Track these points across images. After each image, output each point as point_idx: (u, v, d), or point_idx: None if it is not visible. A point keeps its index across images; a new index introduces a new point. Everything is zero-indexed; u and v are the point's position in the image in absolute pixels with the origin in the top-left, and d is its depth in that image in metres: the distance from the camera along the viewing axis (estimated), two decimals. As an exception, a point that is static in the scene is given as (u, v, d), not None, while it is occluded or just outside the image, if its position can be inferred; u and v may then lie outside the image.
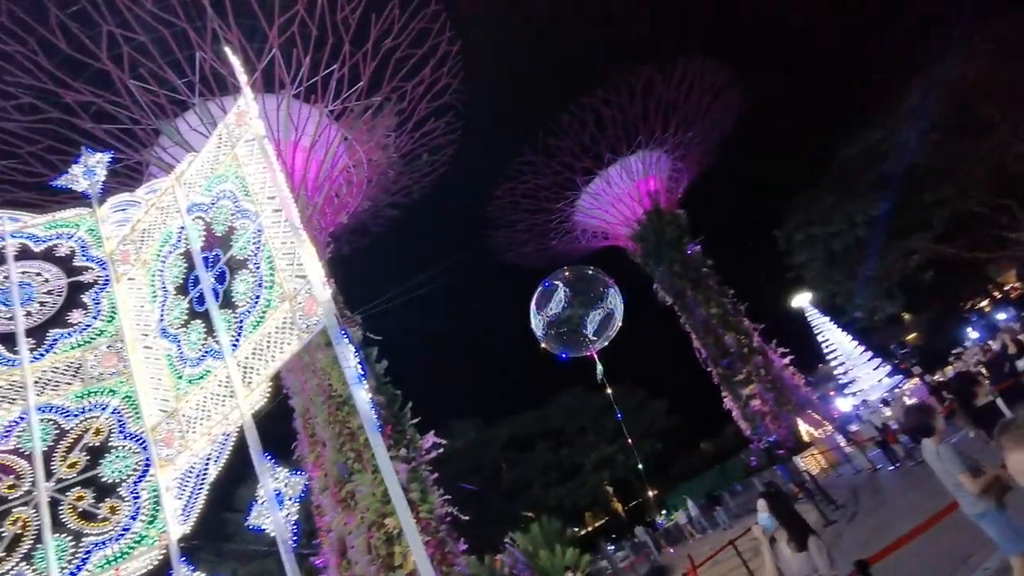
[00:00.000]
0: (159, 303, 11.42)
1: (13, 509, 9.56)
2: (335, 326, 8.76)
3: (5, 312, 10.96)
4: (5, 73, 22.94)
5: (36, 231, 11.91)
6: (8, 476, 9.82)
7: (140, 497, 10.06)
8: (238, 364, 9.95)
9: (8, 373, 10.53)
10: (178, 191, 11.84)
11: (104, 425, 10.53)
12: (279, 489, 9.53)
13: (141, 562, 9.63)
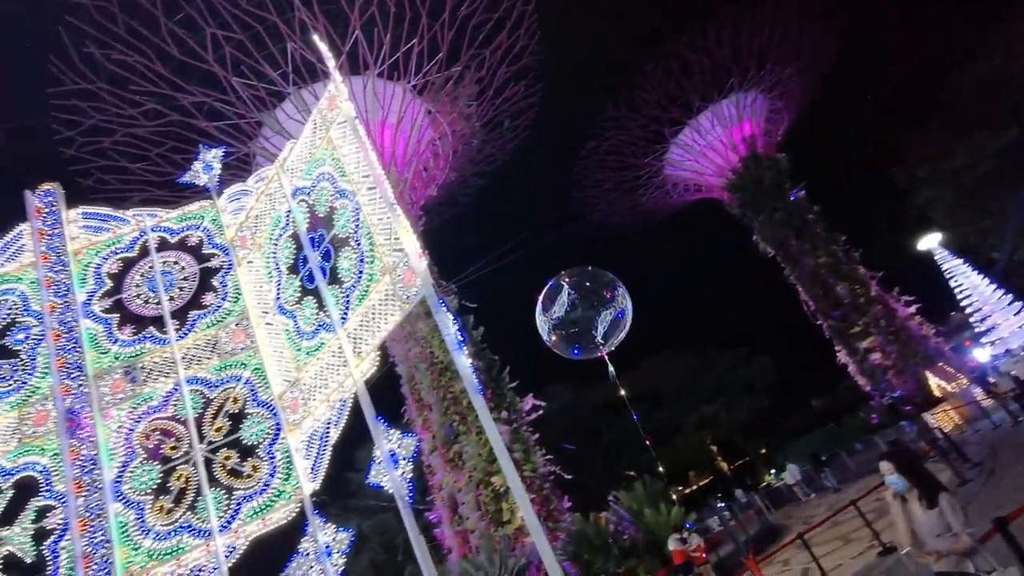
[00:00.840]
0: (275, 282, 12.46)
1: (177, 467, 11.06)
2: (433, 296, 9.13)
3: (153, 298, 12.47)
4: (131, 83, 25.48)
5: (170, 224, 13.34)
6: (170, 439, 11.32)
7: (275, 457, 11.22)
8: (348, 335, 10.69)
9: (160, 351, 12.03)
10: (282, 177, 12.71)
11: (240, 394, 11.78)
12: (393, 450, 10.25)
13: (282, 514, 10.81)
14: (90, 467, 10.67)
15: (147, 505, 10.77)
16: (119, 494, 10.72)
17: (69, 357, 11.47)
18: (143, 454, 11.22)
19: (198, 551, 10.49)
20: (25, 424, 11.23)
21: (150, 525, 10.62)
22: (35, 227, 12.49)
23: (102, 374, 11.57)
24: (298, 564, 10.26)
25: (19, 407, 11.39)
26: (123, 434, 11.24)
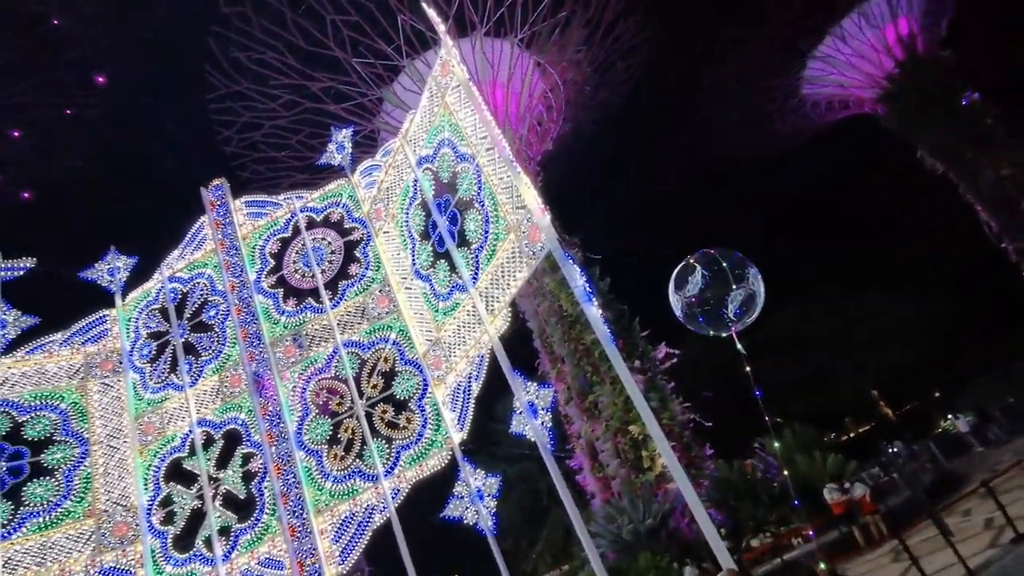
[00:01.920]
0: (410, 249, 13.26)
1: (344, 420, 12.49)
2: (558, 249, 9.17)
3: (308, 272, 13.91)
4: (269, 79, 27.99)
5: (315, 204, 14.68)
6: (335, 396, 12.77)
7: (425, 410, 12.20)
8: (480, 294, 11.16)
9: (319, 319, 13.46)
10: (406, 148, 13.32)
11: (389, 354, 12.87)
12: (532, 401, 10.66)
13: (436, 460, 11.80)
14: (276, 421, 12.41)
15: (324, 453, 12.33)
16: (301, 444, 12.38)
17: (250, 328, 13.26)
18: (315, 410, 12.80)
19: (369, 493, 11.85)
20: (225, 386, 13.28)
21: (328, 470, 12.17)
22: (211, 218, 14.40)
23: (276, 342, 13.25)
24: (455, 506, 11.20)
25: (218, 372, 13.47)
26: (298, 393, 12.87)
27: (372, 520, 11.66)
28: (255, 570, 11.78)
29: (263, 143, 30.37)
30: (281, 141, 30.21)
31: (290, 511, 11.63)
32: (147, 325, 14.22)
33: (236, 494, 12.43)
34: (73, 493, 12.36)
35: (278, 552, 11.71)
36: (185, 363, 13.54)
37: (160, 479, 12.80)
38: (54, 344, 13.61)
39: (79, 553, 11.85)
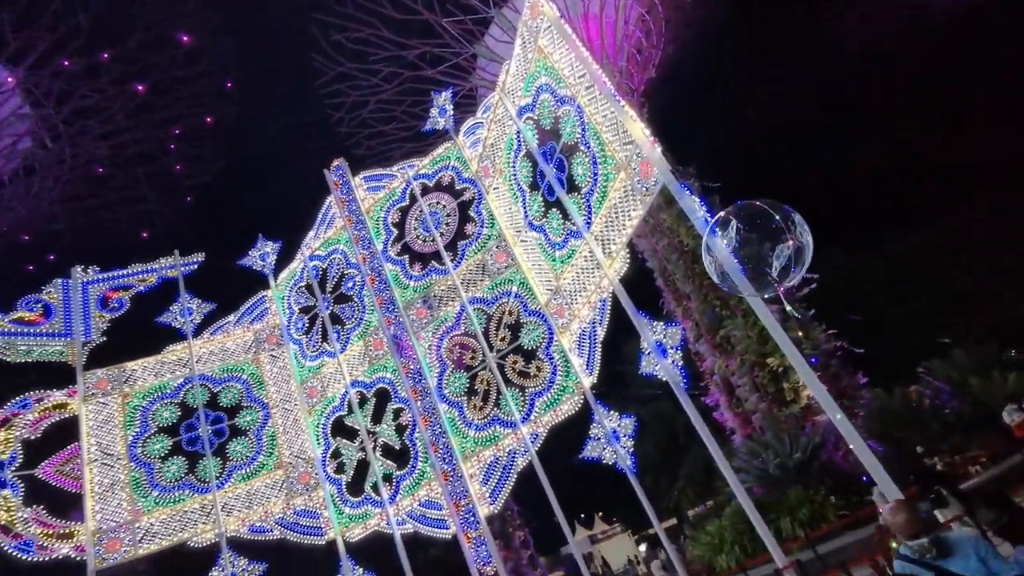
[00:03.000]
0: (520, 202, 13.35)
1: (478, 373, 13.18)
2: (673, 182, 8.72)
3: (428, 236, 14.57)
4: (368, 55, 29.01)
5: (426, 170, 15.20)
6: (468, 351, 13.48)
7: (554, 358, 12.49)
8: (595, 239, 11.00)
9: (444, 280, 14.13)
10: (505, 101, 13.23)
11: (512, 307, 13.24)
12: (659, 340, 10.48)
13: (569, 405, 12.12)
14: (418, 378, 13.40)
15: (464, 404, 13.16)
16: (443, 397, 13.30)
17: (384, 295, 14.28)
18: (451, 365, 13.61)
19: (509, 438, 12.52)
20: (370, 349, 14.54)
21: (470, 419, 13.00)
22: (336, 197, 15.49)
23: (408, 305, 14.17)
24: (592, 447, 11.48)
25: (362, 338, 14.75)
26: (434, 351, 13.75)
27: (515, 463, 12.35)
28: (417, 511, 13.07)
29: (371, 119, 31.79)
30: (387, 114, 31.41)
31: (440, 458, 12.66)
32: (297, 301, 15.85)
33: (392, 445, 13.75)
34: (264, 449, 14.43)
35: (435, 495, 12.86)
36: (333, 332, 14.98)
37: (328, 434, 14.48)
38: (229, 325, 15.68)
39: (276, 498, 13.89)
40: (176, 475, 13.69)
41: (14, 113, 31.21)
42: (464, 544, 11.98)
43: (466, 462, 12.63)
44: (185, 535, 13.12)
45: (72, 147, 34.15)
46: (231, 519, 13.44)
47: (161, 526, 13.14)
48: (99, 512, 12.85)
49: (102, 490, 13.09)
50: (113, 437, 13.69)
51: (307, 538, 13.56)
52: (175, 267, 15.69)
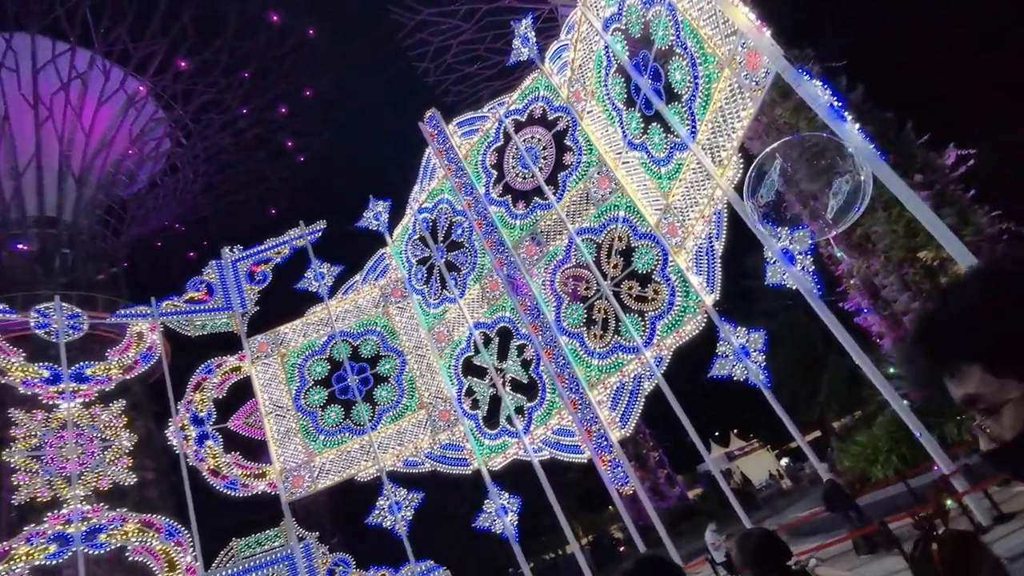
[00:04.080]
0: (617, 122, 12.72)
1: (594, 303, 13.17)
2: (788, 69, 7.79)
3: (527, 173, 14.46)
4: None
5: (516, 105, 14.91)
6: (581, 282, 13.47)
7: (671, 279, 12.11)
8: (702, 148, 10.26)
9: (549, 215, 14.05)
10: (588, 16, 12.42)
11: (621, 233, 12.91)
12: (786, 247, 9.73)
13: (691, 326, 11.79)
14: (536, 314, 13.69)
15: (584, 334, 13.29)
16: (562, 330, 13.51)
17: (492, 237, 14.54)
18: (567, 298, 13.72)
19: (633, 364, 12.52)
20: (486, 292, 15.04)
21: (591, 348, 13.14)
22: (434, 148, 15.77)
23: (517, 244, 14.33)
24: (720, 365, 11.16)
25: (478, 281, 15.26)
26: (548, 286, 13.89)
27: (641, 387, 12.38)
28: (552, 439, 13.67)
29: (456, 64, 31.56)
30: (471, 55, 30.96)
31: (567, 388, 13.02)
32: (414, 254, 16.65)
33: (520, 379, 14.34)
34: (405, 392, 15.73)
35: (566, 423, 13.33)
36: (451, 279, 15.63)
37: (460, 374, 15.41)
38: (357, 284, 16.92)
39: (422, 435, 15.21)
40: (335, 421, 15.40)
41: (152, 119, 34.91)
42: (600, 467, 12.41)
43: (592, 390, 12.88)
44: (352, 471, 14.86)
45: (202, 141, 37.69)
46: (387, 455, 14.97)
47: (331, 464, 14.99)
48: (281, 455, 14.91)
49: (280, 437, 15.12)
50: (280, 392, 15.62)
51: (454, 469, 14.78)
52: (302, 237, 17.06)
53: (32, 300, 15.41)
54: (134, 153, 34.62)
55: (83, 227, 32.61)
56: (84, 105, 31.63)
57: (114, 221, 35.23)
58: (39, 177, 31.09)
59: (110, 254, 34.53)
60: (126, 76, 32.77)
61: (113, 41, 31.51)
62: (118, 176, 34.43)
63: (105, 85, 32.04)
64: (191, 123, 36.47)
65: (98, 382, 13.72)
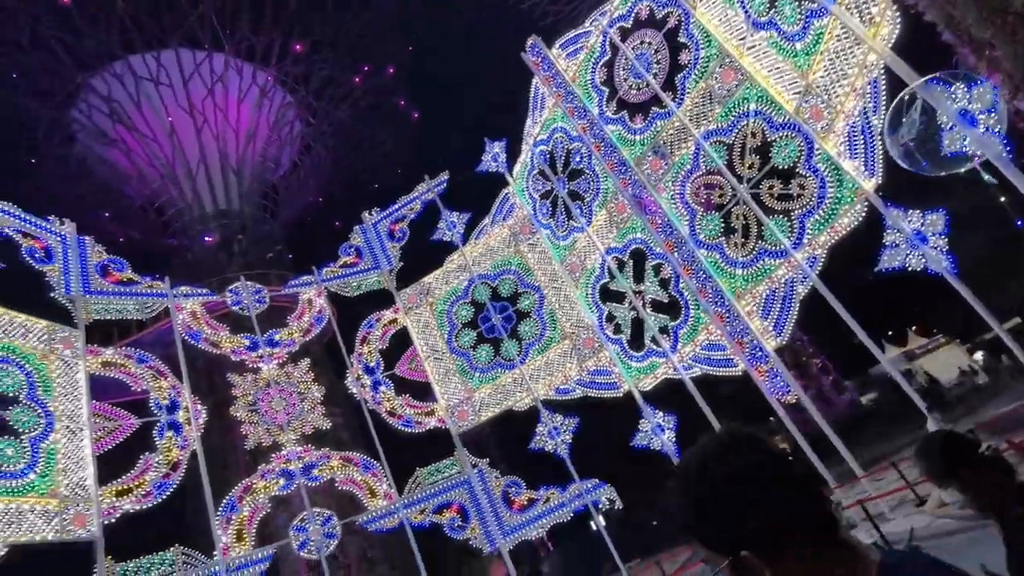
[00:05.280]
0: (737, 2, 11.34)
1: (731, 209, 12.31)
2: None
3: (641, 82, 13.56)
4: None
5: (618, 11, 13.85)
6: (714, 189, 12.60)
7: (818, 170, 10.86)
8: (845, 8, 8.83)
9: (670, 124, 13.16)
10: None
11: (754, 128, 11.72)
12: (963, 108, 8.24)
13: (849, 218, 10.58)
14: (669, 230, 13.16)
15: (723, 245, 12.55)
16: (699, 243, 12.87)
17: (613, 158, 14.04)
18: (700, 209, 12.96)
19: (783, 268, 11.63)
20: (614, 216, 14.71)
21: (733, 258, 12.40)
22: (540, 77, 15.35)
23: (640, 161, 13.70)
24: (890, 256, 9.97)
25: (604, 206, 14.95)
26: (677, 200, 13.20)
27: (795, 292, 11.52)
28: (701, 355, 13.35)
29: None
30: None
31: (711, 302, 12.52)
32: (536, 189, 16.66)
33: (660, 299, 14.04)
34: (547, 325, 16.21)
35: (715, 337, 12.90)
36: (576, 208, 15.47)
37: (598, 301, 15.46)
38: (487, 227, 17.44)
39: (569, 364, 15.68)
40: (487, 358, 16.39)
41: (282, 105, 37.92)
42: (756, 378, 11.95)
43: (740, 301, 12.26)
44: (509, 402, 15.86)
45: (326, 117, 40.32)
46: (539, 386, 15.71)
47: (489, 398, 16.10)
48: (444, 393, 16.31)
49: (440, 377, 16.49)
50: (434, 337, 16.90)
51: (605, 393, 15.13)
52: (429, 190, 17.81)
53: (224, 283, 18.05)
54: (274, 139, 38.06)
55: (248, 214, 36.99)
56: (228, 104, 35.16)
57: (270, 204, 39.48)
58: (208, 175, 35.56)
59: (272, 234, 38.95)
60: (255, 70, 35.67)
61: (239, 40, 34.27)
62: (266, 163, 38.23)
63: (240, 82, 35.22)
64: (314, 102, 39.03)
65: (286, 345, 15.87)
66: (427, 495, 14.48)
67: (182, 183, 35.17)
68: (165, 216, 36.45)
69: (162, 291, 14.86)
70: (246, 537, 12.98)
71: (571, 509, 14.37)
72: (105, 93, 33.03)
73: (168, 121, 34.02)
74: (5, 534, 9.89)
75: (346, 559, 24.84)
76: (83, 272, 13.59)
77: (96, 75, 32.81)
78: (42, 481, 10.89)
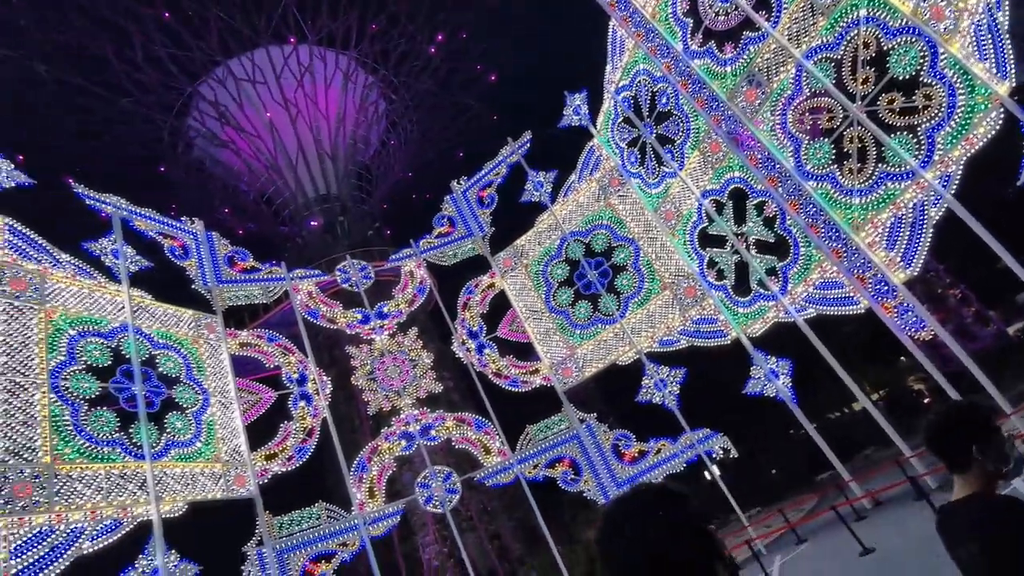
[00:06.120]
0: None
1: (843, 132, 11.16)
2: None
3: (727, 6, 12.46)
4: None
5: (699, -69, 12.76)
6: (821, 113, 11.47)
7: (945, 76, 9.55)
8: None
9: (765, 47, 12.03)
10: None
11: (867, 36, 10.44)
12: None
13: (985, 127, 9.27)
14: (771, 164, 12.23)
15: (835, 173, 11.47)
16: (806, 174, 11.85)
17: (702, 95, 13.18)
18: (805, 138, 11.88)
19: (910, 191, 10.46)
20: (707, 156, 13.90)
21: (848, 186, 11.31)
22: (617, 18, 14.59)
23: (732, 95, 12.73)
24: (1041, 165, 8.64)
25: (696, 147, 14.15)
26: (778, 130, 12.18)
27: (926, 217, 10.35)
28: (815, 295, 12.48)
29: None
30: None
31: (824, 237, 11.58)
32: (622, 138, 16.08)
33: (766, 239, 13.20)
34: (645, 276, 15.86)
35: (830, 275, 11.98)
36: (666, 153, 14.77)
37: (697, 248, 14.84)
38: (574, 183, 17.17)
39: (671, 314, 15.28)
40: (586, 315, 16.37)
41: (366, 85, 39.11)
42: (883, 315, 10.99)
43: (858, 232, 11.23)
44: (611, 357, 15.82)
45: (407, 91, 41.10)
46: (641, 339, 15.50)
47: (591, 354, 16.14)
48: (547, 353, 16.57)
49: (541, 337, 16.74)
50: (532, 298, 17.11)
51: (711, 341, 14.63)
52: (513, 153, 17.77)
53: (332, 263, 19.33)
54: (362, 121, 39.49)
55: (346, 196, 38.99)
56: (316, 92, 36.83)
57: (365, 184, 41.30)
58: (306, 163, 37.77)
59: (370, 212, 40.85)
60: (337, 55, 36.94)
61: (320, 28, 35.54)
62: (357, 145, 39.86)
63: (325, 69, 36.67)
64: (395, 78, 39.87)
65: (394, 316, 16.79)
66: (539, 451, 14.95)
67: (285, 173, 37.64)
68: (274, 206, 39.33)
69: (280, 275, 16.18)
70: (377, 494, 14.18)
71: (683, 459, 14.25)
72: (212, 98, 35.77)
73: (267, 117, 36.31)
74: (184, 493, 11.51)
75: (468, 512, 26.45)
76: (214, 264, 15.09)
77: (203, 83, 35.55)
78: (207, 448, 12.49)
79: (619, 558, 1.17)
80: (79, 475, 10.15)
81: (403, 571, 25.32)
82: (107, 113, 34.59)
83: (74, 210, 13.76)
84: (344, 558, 13.01)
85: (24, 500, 9.27)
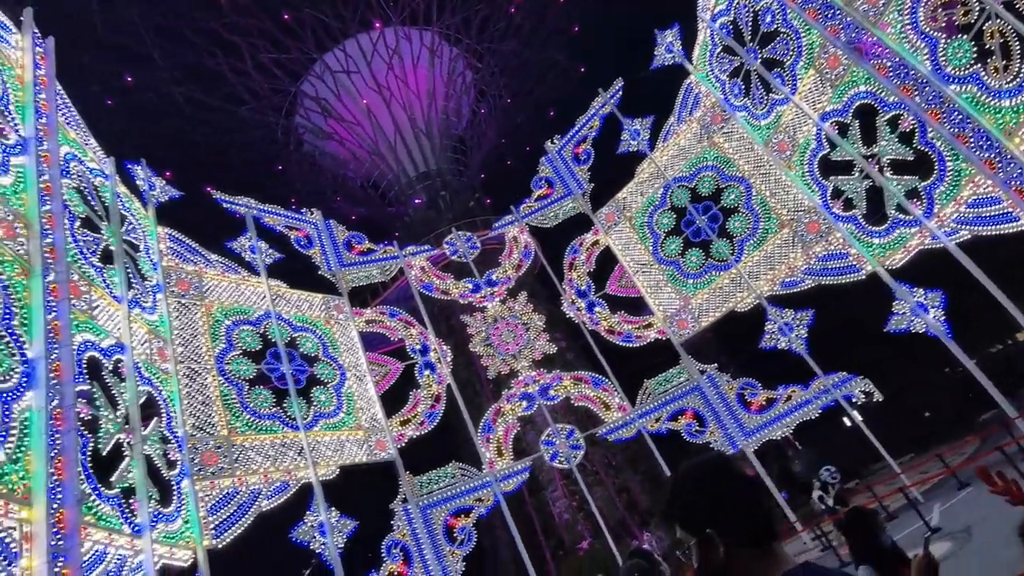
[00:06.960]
0: None
1: (982, 27, 9.50)
2: None
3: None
4: None
5: None
6: (956, 7, 9.83)
7: None
8: None
9: None
10: None
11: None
12: None
13: None
14: (904, 72, 10.77)
15: (979, 73, 9.86)
16: (946, 78, 10.30)
17: (813, 4, 11.83)
18: (941, 37, 10.28)
19: (1086, 79, 8.76)
20: (825, 72, 12.47)
21: (996, 88, 9.69)
22: (706, -63, 13.37)
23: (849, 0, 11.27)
24: None
25: (811, 66, 12.75)
26: (909, 31, 10.62)
27: (1111, 107, 8.65)
28: (967, 214, 10.99)
29: None
30: None
31: (974, 147, 10.08)
32: (722, 70, 14.91)
33: (902, 158, 11.75)
34: (759, 216, 14.81)
35: (984, 190, 10.46)
36: (774, 78, 13.50)
37: (819, 178, 13.54)
38: (673, 126, 16.31)
39: (793, 253, 14.19)
40: (698, 263, 15.69)
41: (451, 58, 39.44)
42: (1057, 229, 9.45)
43: (1013, 139, 9.65)
44: (729, 304, 15.10)
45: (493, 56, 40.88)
46: (761, 282, 14.61)
47: (707, 303, 15.52)
48: (659, 305, 16.17)
49: (652, 290, 16.34)
50: (638, 251, 16.70)
51: (842, 277, 13.43)
52: (606, 103, 17.16)
53: (439, 237, 20.06)
54: (452, 94, 39.99)
55: (445, 170, 40.01)
56: (406, 73, 37.76)
57: (461, 156, 42.07)
58: (404, 143, 39.13)
59: (469, 184, 41.66)
60: (420, 32, 37.48)
61: (401, 8, 36.17)
62: (449, 119, 40.54)
63: (411, 48, 37.41)
64: (478, 46, 39.75)
65: (503, 283, 17.18)
66: (659, 404, 14.79)
67: (386, 156, 39.29)
68: (380, 189, 41.33)
69: (395, 254, 17.09)
70: (505, 453, 14.86)
71: (818, 406, 13.42)
72: (313, 94, 37.95)
73: (363, 103, 37.90)
74: (335, 458, 12.81)
75: (593, 467, 26.94)
76: (335, 249, 16.27)
77: (304, 81, 37.77)
78: (349, 418, 13.75)
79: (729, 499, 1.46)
80: (251, 444, 11.66)
81: (536, 524, 26.52)
82: (229, 123, 37.95)
83: (214, 213, 15.39)
84: (481, 512, 13.87)
85: (213, 467, 10.82)
